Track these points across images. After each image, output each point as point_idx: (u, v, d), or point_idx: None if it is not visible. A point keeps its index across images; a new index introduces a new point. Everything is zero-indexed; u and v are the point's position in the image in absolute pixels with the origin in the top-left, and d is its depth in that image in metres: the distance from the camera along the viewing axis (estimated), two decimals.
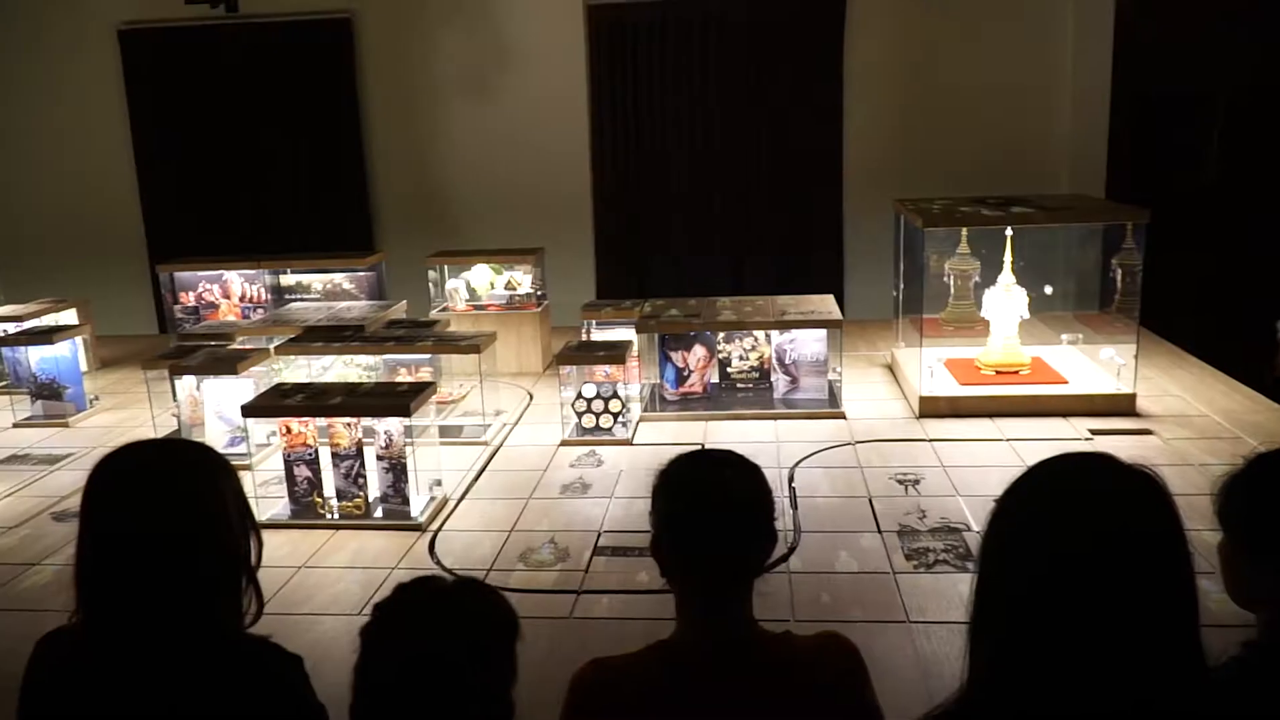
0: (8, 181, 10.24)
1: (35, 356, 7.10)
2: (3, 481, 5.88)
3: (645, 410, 6.62)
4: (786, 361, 6.70)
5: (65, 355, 7.12)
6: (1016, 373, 6.65)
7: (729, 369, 6.88)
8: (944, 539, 4.56)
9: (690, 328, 6.69)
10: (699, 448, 2.05)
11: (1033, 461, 1.53)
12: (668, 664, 1.92)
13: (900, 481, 5.29)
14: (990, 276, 6.86)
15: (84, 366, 7.48)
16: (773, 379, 6.79)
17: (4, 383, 7.84)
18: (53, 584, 4.54)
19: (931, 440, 5.91)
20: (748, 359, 6.86)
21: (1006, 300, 6.67)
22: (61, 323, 7.84)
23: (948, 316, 7.24)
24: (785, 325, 6.63)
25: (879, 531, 4.68)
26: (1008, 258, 6.65)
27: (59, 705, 1.82)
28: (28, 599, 4.44)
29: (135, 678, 1.75)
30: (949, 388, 6.52)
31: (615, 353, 6.29)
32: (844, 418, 6.38)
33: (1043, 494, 1.49)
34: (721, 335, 6.85)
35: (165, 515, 1.78)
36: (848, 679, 1.89)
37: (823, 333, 6.64)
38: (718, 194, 9.54)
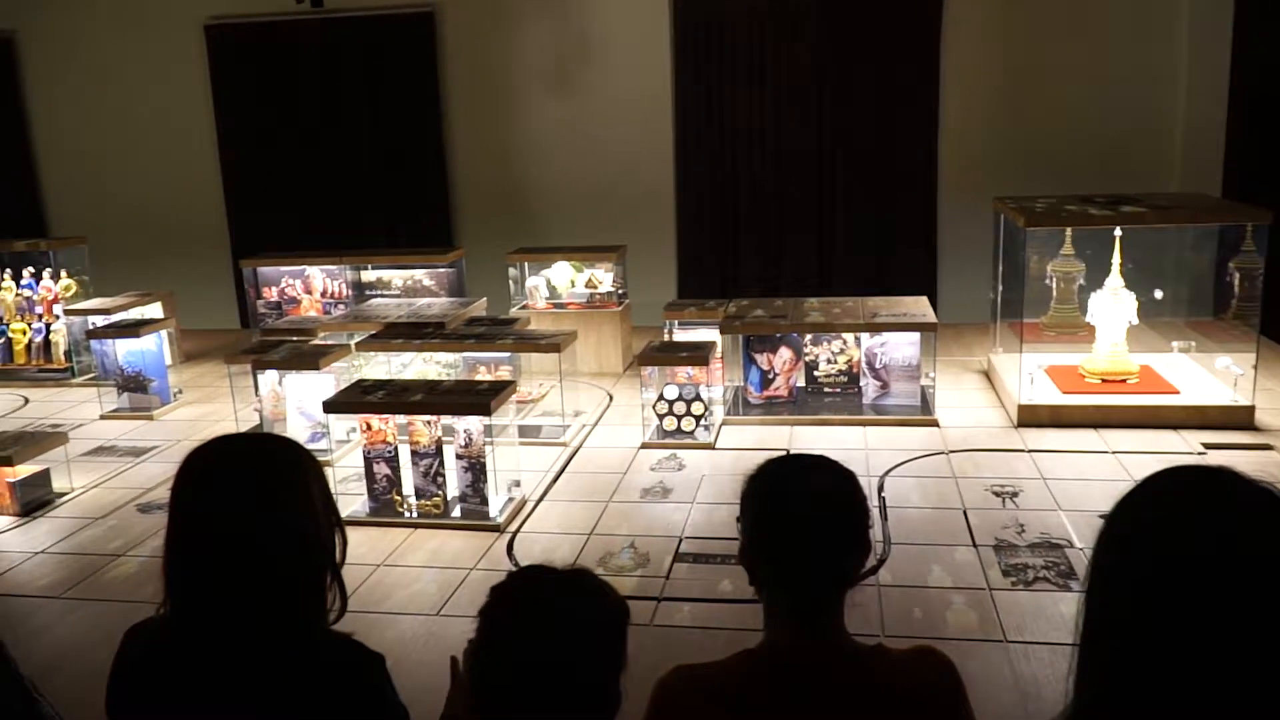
0: (99, 176, 10.65)
1: (123, 349, 7.37)
2: (90, 472, 6.12)
3: (728, 414, 6.61)
4: (877, 365, 6.62)
5: (151, 349, 7.38)
6: (1124, 381, 6.47)
7: (816, 372, 6.82)
8: (1044, 555, 4.46)
9: (776, 329, 6.66)
10: (788, 453, 2.03)
11: (1141, 476, 1.48)
12: (756, 673, 1.91)
13: (997, 494, 5.19)
14: (1095, 279, 6.68)
15: (169, 360, 7.75)
16: (862, 384, 6.71)
17: (92, 375, 8.17)
18: (138, 575, 4.72)
19: (1031, 451, 5.78)
20: (836, 362, 6.80)
21: (1114, 304, 6.49)
22: (147, 316, 8.13)
23: (1050, 321, 7.08)
24: (877, 328, 6.55)
25: (974, 545, 4.60)
26: (1116, 259, 6.47)
27: (145, 697, 1.87)
28: (114, 590, 4.61)
29: (220, 672, 1.79)
30: (1050, 396, 6.37)
31: (698, 354, 6.28)
32: (937, 425, 6.28)
33: (1158, 510, 1.44)
34: (809, 337, 6.79)
35: (252, 510, 1.82)
36: (944, 696, 1.85)
37: (916, 336, 6.54)
38: (805, 191, 9.47)
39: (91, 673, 3.65)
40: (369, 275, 8.57)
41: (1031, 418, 6.21)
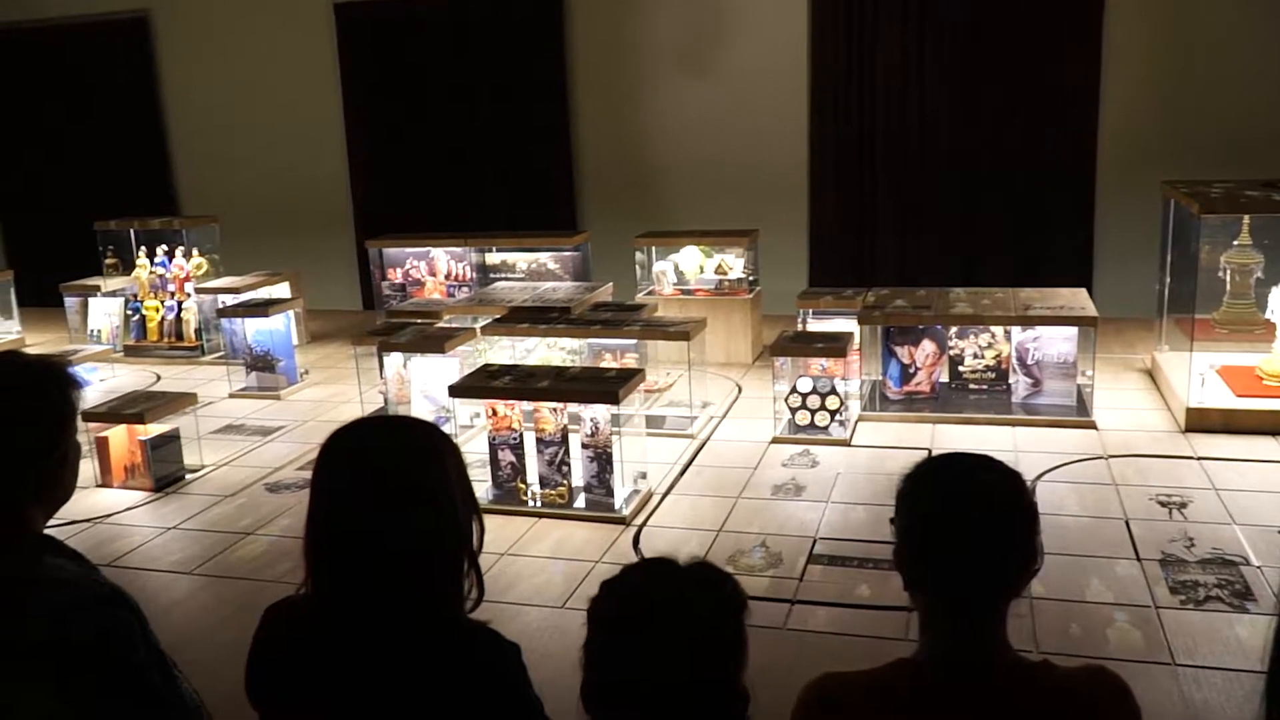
0: (228, 155, 11.11)
1: (251, 328, 7.69)
2: (220, 450, 6.41)
3: (865, 409, 6.50)
4: (1029, 362, 6.42)
5: (279, 329, 7.68)
6: None
7: (961, 368, 6.66)
8: (1217, 573, 4.25)
9: (920, 321, 6.51)
10: (930, 452, 1.97)
11: None
12: (910, 685, 1.86)
13: (1163, 504, 4.97)
14: (1275, 273, 6.33)
15: (296, 340, 8.04)
16: (1011, 381, 6.52)
17: (221, 353, 8.55)
18: (267, 554, 4.92)
19: (1201, 459, 5.51)
20: (983, 357, 6.62)
21: None
22: (275, 296, 8.46)
23: (1223, 317, 6.74)
24: (1029, 321, 6.34)
25: (1138, 559, 4.41)
26: None
27: (285, 678, 1.93)
28: (243, 568, 4.82)
29: (359, 657, 1.84)
30: (1223, 399, 6.07)
31: (835, 345, 6.20)
32: (1094, 428, 6.05)
33: None
34: (954, 330, 6.63)
35: (393, 494, 1.86)
36: None
37: (1072, 331, 6.31)
38: (949, 175, 9.22)
39: (220, 650, 3.82)
40: (493, 258, 8.73)
41: (1201, 422, 5.93)
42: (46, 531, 1.86)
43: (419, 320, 7.20)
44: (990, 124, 9.05)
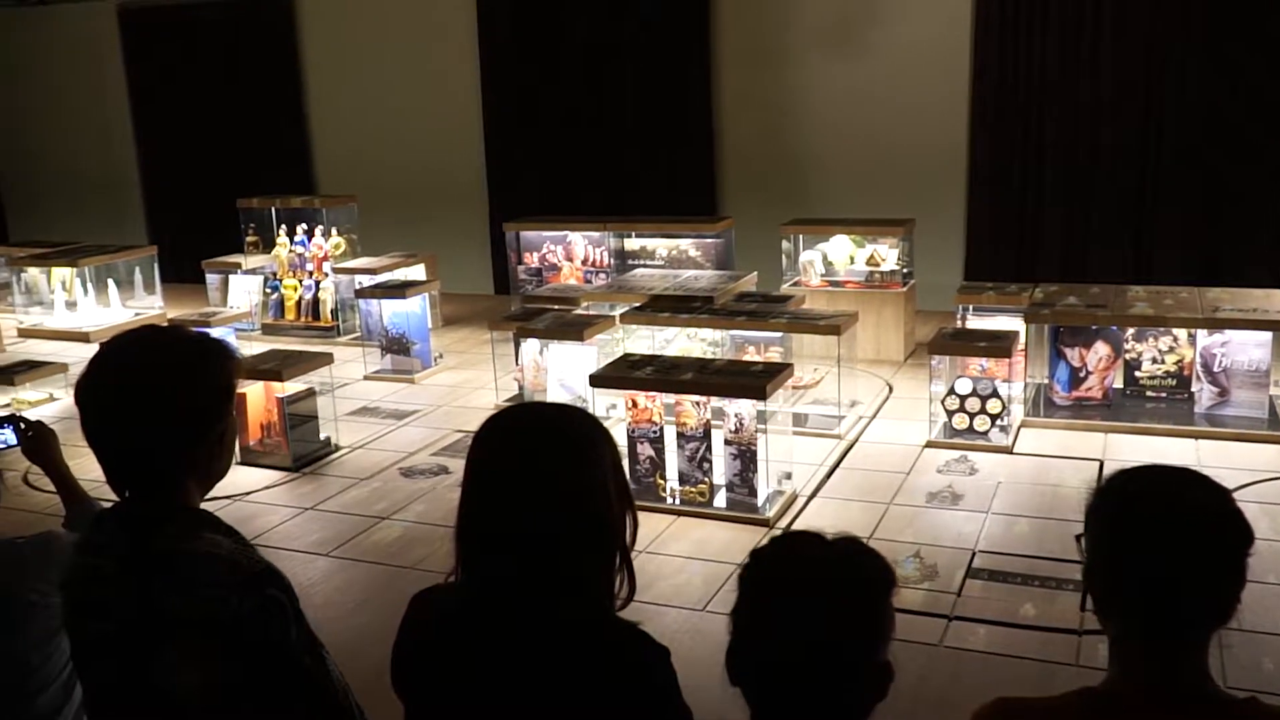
0: (365, 135, 11.43)
1: (388, 310, 7.91)
2: (355, 432, 6.62)
3: (1029, 414, 6.31)
4: (1215, 369, 6.12)
5: (415, 311, 7.88)
6: None
7: (1137, 373, 6.39)
8: None
9: (1094, 320, 6.27)
10: (1150, 465, 1.89)
11: None
12: (1100, 717, 1.79)
13: None
14: None
15: (430, 323, 8.24)
16: (1195, 389, 6.23)
17: (356, 334, 8.82)
18: (401, 540, 5.06)
19: None
20: (1163, 362, 6.34)
21: None
22: (411, 278, 8.68)
23: None
24: (1218, 324, 6.04)
25: None
26: None
27: (432, 668, 1.95)
28: (377, 553, 4.96)
29: (506, 651, 1.86)
30: None
31: (999, 344, 6.02)
32: None
33: None
34: (1130, 332, 6.37)
35: (548, 487, 1.87)
36: None
37: (1266, 336, 6.00)
38: (1124, 162, 8.81)
39: (355, 634, 3.95)
40: (632, 243, 8.77)
41: None
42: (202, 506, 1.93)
43: (556, 306, 7.29)
44: (1177, 103, 8.61)
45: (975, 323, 6.77)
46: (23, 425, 2.63)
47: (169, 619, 1.75)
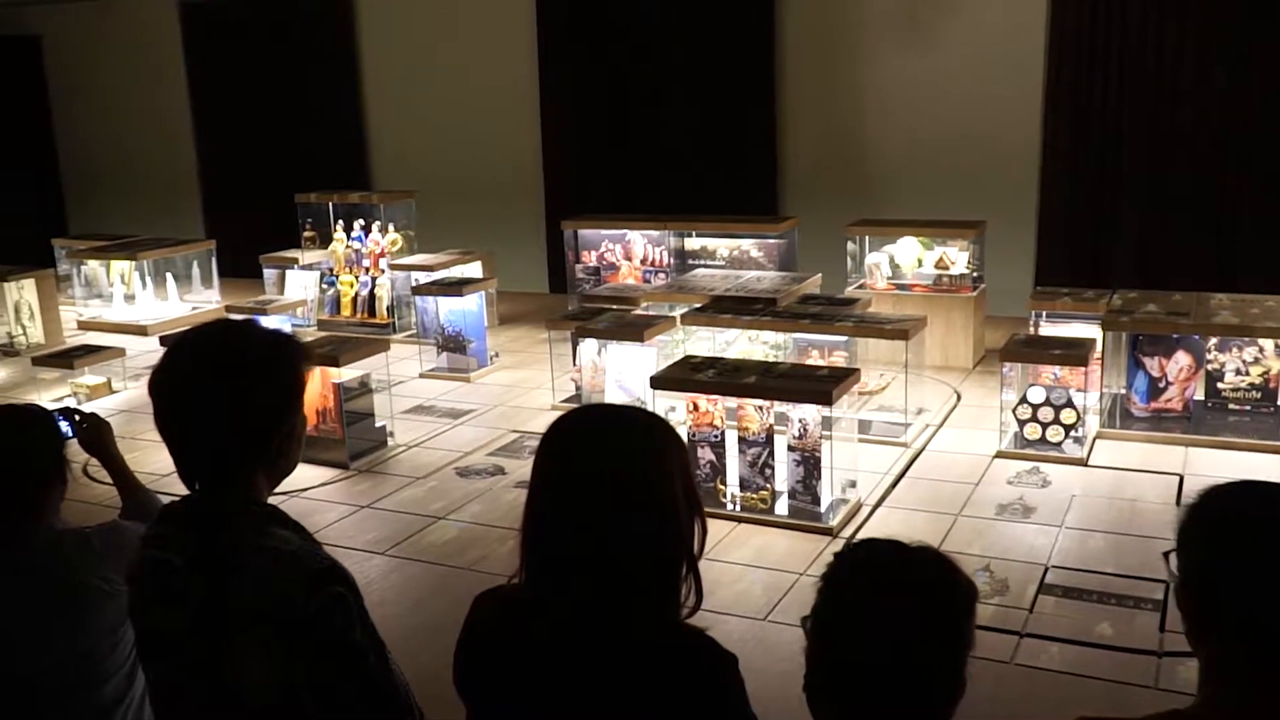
0: (421, 131, 11.53)
1: (445, 308, 7.96)
2: (410, 430, 6.67)
3: (1104, 425, 6.20)
4: None
5: (472, 309, 7.93)
6: None
7: (1220, 384, 6.26)
8: None
9: (1175, 329, 6.15)
10: (1250, 480, 1.85)
11: None
12: None
13: None
14: None
15: (487, 322, 8.28)
16: None
17: (411, 331, 8.89)
18: (457, 540, 5.10)
19: None
20: (1247, 374, 6.20)
21: None
22: (467, 276, 8.74)
23: None
24: None
25: None
26: None
27: (495, 671, 1.96)
28: (433, 553, 5.00)
29: (571, 656, 1.86)
30: None
31: (1075, 352, 5.93)
32: None
33: None
34: (1213, 341, 6.24)
35: (615, 492, 1.86)
36: None
37: None
38: (1207, 162, 8.61)
39: (411, 634, 3.98)
40: (692, 243, 8.75)
41: None
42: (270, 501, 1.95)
43: (614, 306, 7.30)
44: (1262, 101, 8.41)
45: (1049, 329, 6.67)
46: (77, 417, 2.69)
47: (238, 614, 1.77)
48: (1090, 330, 6.40)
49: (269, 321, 7.30)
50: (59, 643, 2.34)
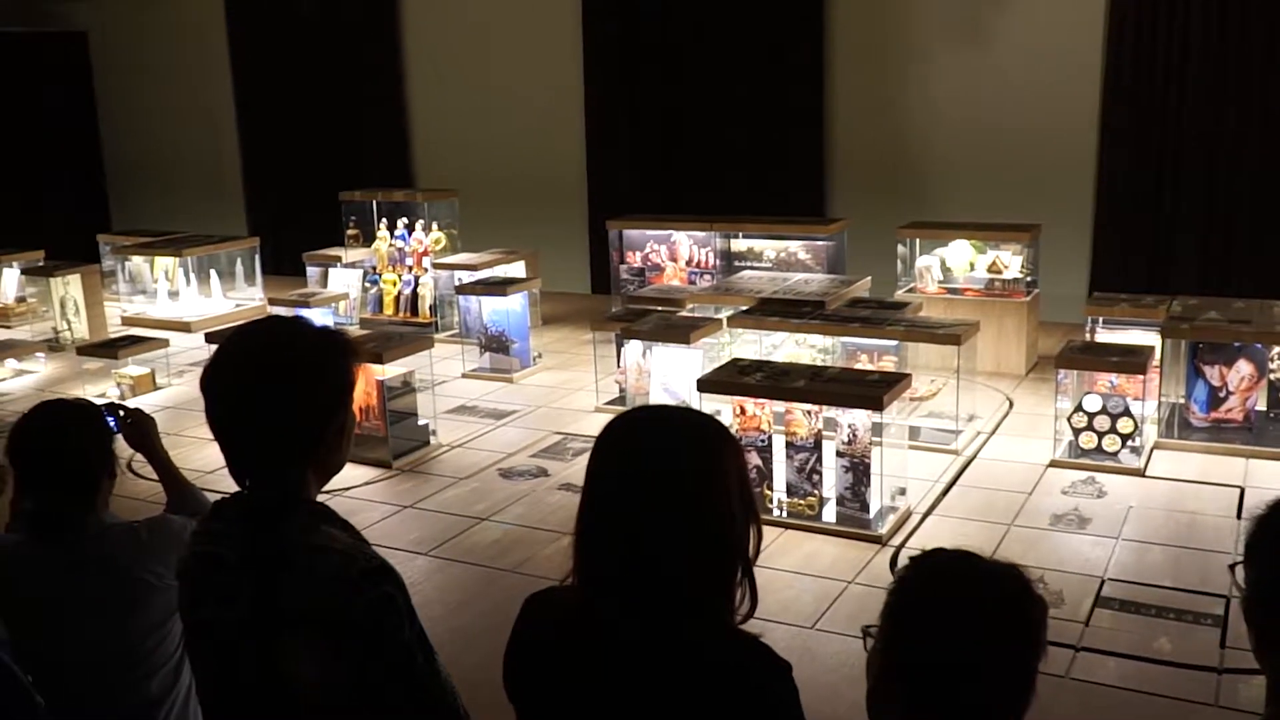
0: (465, 130, 11.58)
1: (488, 308, 7.99)
2: (453, 431, 6.71)
3: (1162, 435, 6.11)
4: None
5: (516, 309, 7.95)
6: None
7: None
8: None
9: (1237, 336, 6.05)
10: None
11: None
12: None
13: None
14: None
15: (530, 322, 8.30)
16: None
17: (454, 330, 8.93)
18: (501, 542, 5.11)
19: None
20: None
21: None
22: (510, 275, 8.76)
23: None
24: None
25: None
26: None
27: (545, 674, 1.96)
28: (477, 554, 5.02)
29: (624, 661, 1.85)
30: None
31: (1133, 359, 5.85)
32: None
33: None
34: (1276, 350, 6.13)
35: (671, 496, 1.85)
36: None
37: None
38: (1269, 163, 8.45)
39: (454, 635, 4.00)
40: (738, 244, 8.72)
41: None
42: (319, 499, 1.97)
43: (659, 308, 7.28)
44: None
45: (1105, 336, 6.58)
46: (121, 413, 2.72)
47: (288, 612, 1.78)
48: (1149, 337, 6.32)
49: (311, 314, 7.37)
50: (107, 635, 2.38)
